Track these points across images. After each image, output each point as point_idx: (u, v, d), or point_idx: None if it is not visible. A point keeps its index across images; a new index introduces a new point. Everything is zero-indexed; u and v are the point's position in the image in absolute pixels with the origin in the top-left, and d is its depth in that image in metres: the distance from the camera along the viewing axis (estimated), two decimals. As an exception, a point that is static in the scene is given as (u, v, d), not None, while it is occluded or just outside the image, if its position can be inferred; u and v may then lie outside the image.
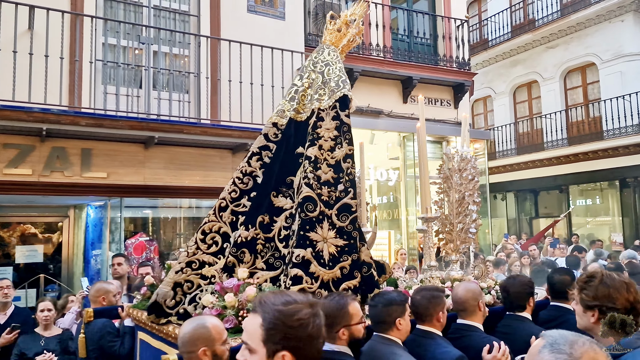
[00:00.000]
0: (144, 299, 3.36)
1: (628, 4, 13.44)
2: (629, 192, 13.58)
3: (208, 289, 2.96)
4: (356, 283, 3.02)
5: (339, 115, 3.28)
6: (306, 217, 2.98)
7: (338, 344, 2.41)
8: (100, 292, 4.04)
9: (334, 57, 3.57)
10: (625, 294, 2.10)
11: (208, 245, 3.12)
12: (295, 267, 2.84)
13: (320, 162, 3.14)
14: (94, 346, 3.64)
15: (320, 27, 9.47)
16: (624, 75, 13.60)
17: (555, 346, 1.28)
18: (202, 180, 7.56)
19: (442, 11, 10.98)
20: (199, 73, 7.60)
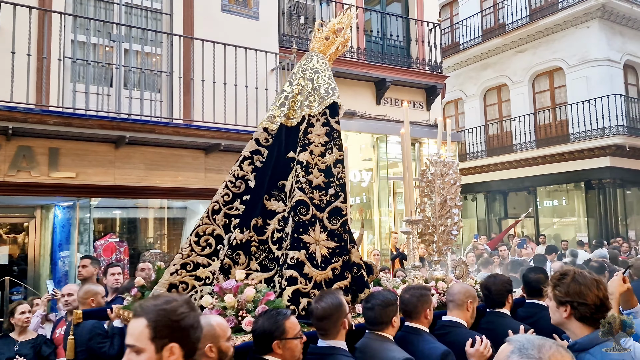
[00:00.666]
0: (135, 300, 3.40)
1: (593, 11, 13.85)
2: (594, 194, 14.00)
3: (203, 289, 3.03)
4: (347, 283, 3.15)
5: (329, 121, 3.41)
6: (299, 220, 3.10)
7: (338, 339, 2.57)
8: (89, 293, 4.07)
9: (322, 64, 3.67)
10: (595, 290, 2.18)
11: (202, 248, 3.19)
12: (290, 269, 2.96)
13: (311, 167, 3.26)
14: (82, 347, 3.65)
15: (294, 28, 9.47)
16: (589, 80, 14.01)
17: (523, 351, 1.31)
18: (174, 181, 7.48)
19: (415, 14, 11.11)
20: (171, 72, 7.51)
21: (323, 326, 2.60)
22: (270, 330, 2.38)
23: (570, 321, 2.22)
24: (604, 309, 2.18)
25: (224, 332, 2.35)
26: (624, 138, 13.15)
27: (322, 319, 2.58)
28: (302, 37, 9.50)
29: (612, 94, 13.32)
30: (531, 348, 1.31)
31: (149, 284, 3.47)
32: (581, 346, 2.16)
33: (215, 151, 7.60)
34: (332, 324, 2.59)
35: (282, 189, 3.36)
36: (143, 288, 3.40)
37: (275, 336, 2.36)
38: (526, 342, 1.34)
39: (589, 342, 2.14)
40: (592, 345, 2.13)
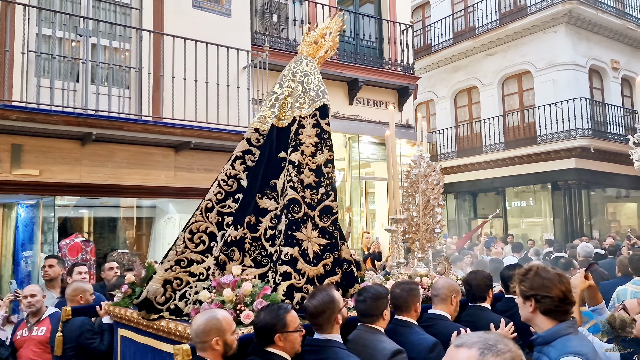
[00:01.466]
0: (125, 296, 3.51)
1: (561, 16, 14.19)
2: (559, 195, 14.35)
3: (197, 285, 3.12)
4: (338, 279, 3.29)
5: (319, 123, 3.57)
6: (292, 217, 3.23)
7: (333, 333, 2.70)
8: (78, 291, 4.12)
9: (312, 67, 3.83)
10: (558, 284, 2.23)
11: (195, 244, 3.26)
12: (284, 264, 3.09)
13: (302, 167, 3.40)
14: (71, 344, 3.69)
15: (267, 26, 9.41)
16: (556, 83, 14.36)
17: (493, 349, 1.27)
18: (143, 179, 7.32)
19: (387, 15, 11.18)
20: (140, 68, 7.36)
21: (317, 322, 2.71)
22: (272, 323, 2.48)
23: (536, 315, 2.26)
24: (568, 302, 2.23)
25: (229, 326, 2.49)
26: (589, 140, 13.52)
27: (316, 316, 2.69)
28: (274, 36, 9.45)
29: (577, 98, 13.67)
30: (496, 343, 1.28)
31: (139, 280, 3.52)
32: (543, 339, 2.20)
33: (186, 149, 7.49)
34: (325, 320, 2.69)
35: (274, 187, 3.47)
36: (133, 285, 3.50)
37: (277, 329, 2.47)
38: (485, 340, 1.29)
39: (551, 335, 2.18)
40: (554, 338, 2.17)
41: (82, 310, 3.87)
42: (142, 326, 3.12)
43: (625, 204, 17.08)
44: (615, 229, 16.11)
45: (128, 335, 3.38)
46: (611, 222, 16.72)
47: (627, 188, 16.15)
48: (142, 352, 3.20)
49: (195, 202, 8.11)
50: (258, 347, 2.52)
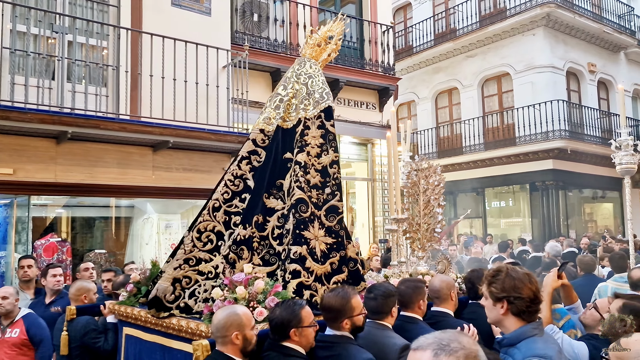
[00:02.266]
0: (130, 295, 3.59)
1: (539, 19, 14.40)
2: (537, 195, 14.55)
3: (205, 283, 3.18)
4: (344, 277, 3.38)
5: (324, 124, 3.64)
6: (300, 217, 3.30)
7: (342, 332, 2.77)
8: (82, 290, 4.17)
9: (315, 70, 3.90)
10: (528, 284, 2.23)
11: (203, 243, 3.31)
12: (293, 263, 3.15)
13: (309, 167, 3.47)
14: (76, 343, 3.74)
15: (247, 25, 9.37)
16: (534, 85, 14.56)
17: (446, 348, 1.27)
18: (120, 179, 7.23)
19: (369, 16, 11.21)
20: (118, 66, 7.27)
21: (328, 317, 2.80)
22: (288, 319, 2.57)
23: (507, 317, 2.25)
24: (537, 302, 2.23)
25: (249, 321, 2.58)
26: (566, 142, 13.73)
27: (329, 311, 2.79)
28: (255, 35, 9.41)
29: (555, 100, 13.88)
30: (450, 342, 1.28)
31: (144, 279, 3.61)
32: (509, 341, 2.20)
33: (164, 148, 7.41)
34: (333, 318, 2.78)
35: (280, 187, 3.53)
36: (138, 284, 3.59)
37: (293, 324, 2.56)
38: (440, 340, 1.29)
39: (516, 337, 2.18)
40: (519, 340, 2.16)
41: (86, 309, 3.93)
42: (150, 324, 3.19)
43: (601, 205, 17.39)
44: (592, 229, 16.40)
45: (134, 333, 3.44)
46: (588, 223, 17.00)
47: (603, 189, 16.46)
48: (149, 350, 3.26)
49: (173, 201, 8.11)
50: (274, 342, 2.62)
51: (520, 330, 2.18)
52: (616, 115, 16.04)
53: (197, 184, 7.83)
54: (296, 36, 9.82)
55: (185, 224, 8.56)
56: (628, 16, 17.21)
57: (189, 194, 7.87)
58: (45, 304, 4.97)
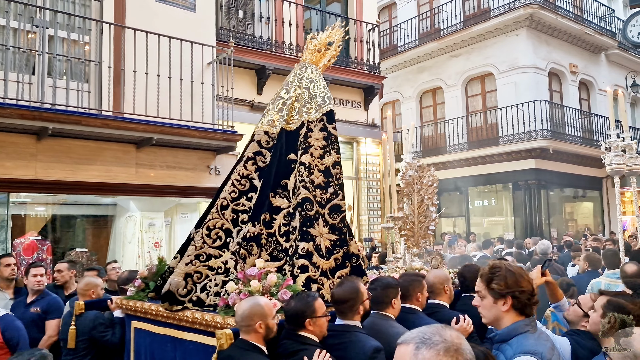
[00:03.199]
0: (139, 290, 3.76)
1: (522, 20, 14.54)
2: (520, 194, 14.70)
3: (216, 278, 3.35)
4: (347, 272, 3.57)
5: (327, 127, 3.84)
6: (306, 215, 3.50)
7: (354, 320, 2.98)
8: (90, 285, 4.28)
9: (316, 75, 4.10)
10: (527, 277, 2.23)
11: (213, 240, 3.47)
12: (301, 258, 3.37)
13: (312, 168, 3.67)
14: (84, 337, 3.88)
15: (232, 22, 9.29)
16: (517, 85, 14.70)
17: (427, 342, 1.29)
18: (102, 176, 7.11)
19: (354, 15, 11.21)
20: (100, 61, 7.14)
21: (341, 309, 2.99)
22: (303, 310, 2.77)
23: (508, 314, 2.19)
24: (535, 295, 2.22)
25: (270, 311, 2.76)
26: (548, 141, 13.89)
27: (341, 303, 2.98)
28: (240, 32, 9.34)
29: (538, 100, 14.03)
30: (432, 335, 1.30)
31: (151, 275, 3.80)
32: (501, 337, 2.18)
33: (147, 146, 7.31)
34: (349, 307, 2.96)
35: (285, 187, 3.71)
36: (146, 279, 3.78)
37: (307, 315, 2.76)
38: (422, 334, 1.32)
39: (508, 333, 2.16)
40: (511, 336, 2.14)
41: (94, 304, 4.08)
42: (161, 317, 3.35)
43: (582, 204, 17.65)
44: (572, 228, 16.64)
45: (143, 327, 3.59)
46: (568, 222, 17.25)
47: (583, 188, 16.70)
48: (160, 343, 3.40)
49: (157, 199, 8.00)
50: (290, 331, 2.80)
51: (513, 326, 2.16)
52: (597, 116, 16.29)
53: (181, 181, 7.75)
54: (281, 34, 9.77)
55: (168, 222, 8.46)
56: (609, 18, 17.48)
57: (172, 192, 7.78)
58: (26, 304, 4.87)
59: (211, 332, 2.98)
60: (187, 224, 8.70)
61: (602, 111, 16.82)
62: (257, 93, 9.60)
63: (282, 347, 2.79)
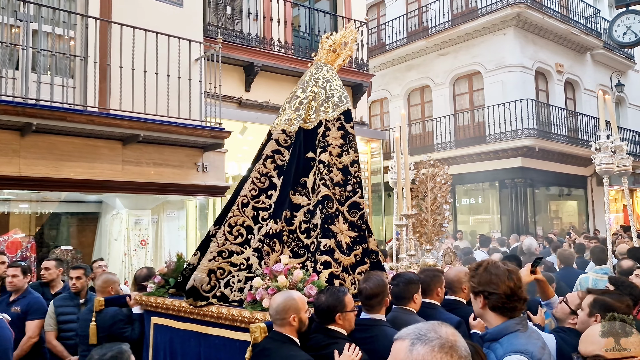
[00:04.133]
0: (159, 286, 3.88)
1: (509, 19, 14.63)
2: (507, 192, 14.82)
3: (239, 274, 3.45)
4: (367, 267, 3.67)
5: (344, 126, 3.92)
6: (327, 212, 3.59)
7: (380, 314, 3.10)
8: (109, 283, 4.45)
9: (332, 74, 4.17)
10: (506, 280, 2.23)
11: (235, 237, 3.57)
12: (323, 254, 3.45)
13: (331, 166, 3.76)
14: (104, 333, 3.94)
15: (220, 18, 9.23)
16: (504, 84, 14.80)
17: (423, 338, 1.31)
18: (87, 173, 7.01)
19: (342, 12, 11.18)
20: (86, 57, 7.04)
21: (370, 303, 3.08)
22: (334, 304, 2.85)
23: (485, 311, 2.27)
24: (516, 299, 2.23)
25: (304, 305, 2.86)
26: (534, 140, 14.01)
27: (371, 298, 3.07)
28: (228, 28, 9.27)
29: (524, 99, 14.14)
30: (427, 332, 1.32)
31: (170, 272, 3.93)
32: (491, 336, 2.20)
33: (134, 142, 7.22)
34: (377, 302, 3.08)
35: (304, 185, 3.78)
36: (166, 276, 3.92)
37: (338, 309, 2.85)
38: (419, 330, 1.34)
39: (498, 332, 2.19)
40: (502, 335, 2.17)
41: (113, 300, 4.18)
42: (184, 313, 3.45)
43: (566, 202, 17.85)
44: (557, 226, 16.82)
45: (163, 322, 3.69)
46: (553, 220, 17.43)
47: (569, 186, 16.88)
48: (182, 338, 3.48)
49: (143, 197, 7.92)
50: (320, 325, 2.90)
51: (503, 325, 2.18)
52: (582, 115, 16.47)
53: (168, 179, 7.67)
54: (270, 30, 9.72)
55: (155, 220, 8.39)
56: (594, 18, 17.67)
57: (159, 189, 7.71)
58: (7, 303, 4.80)
59: (237, 327, 3.10)
60: (174, 222, 8.63)
61: (588, 110, 17.02)
62: (245, 90, 9.55)
63: (312, 341, 2.88)
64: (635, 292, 3.61)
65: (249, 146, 10.77)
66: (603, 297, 2.64)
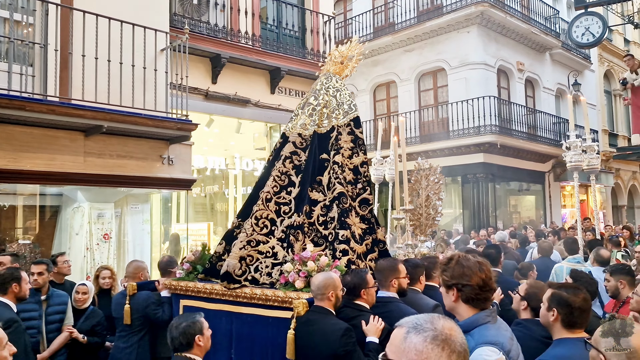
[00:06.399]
0: (188, 272, 4.33)
1: (473, 17, 14.91)
2: (469, 187, 15.15)
3: (266, 261, 3.95)
4: (376, 255, 4.18)
5: (354, 131, 4.44)
6: (343, 207, 4.08)
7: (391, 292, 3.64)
8: (139, 269, 4.96)
9: (341, 84, 4.68)
10: (478, 272, 2.29)
11: (260, 228, 4.05)
12: (341, 243, 3.96)
13: (344, 167, 4.26)
14: (139, 314, 4.46)
15: (187, 8, 9.05)
16: (468, 81, 15.08)
17: (418, 327, 1.35)
18: (48, 165, 6.78)
19: (310, 5, 11.14)
20: (46, 44, 6.78)
21: (378, 277, 3.66)
22: (359, 282, 3.43)
23: (458, 304, 2.31)
24: (487, 289, 2.30)
25: (339, 284, 3.35)
26: (496, 136, 14.36)
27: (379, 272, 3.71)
28: (195, 19, 9.11)
29: (487, 96, 14.46)
30: (424, 323, 1.36)
31: (197, 259, 4.37)
32: (462, 328, 2.23)
33: (97, 133, 7.02)
34: (385, 278, 3.65)
35: (320, 183, 4.23)
36: (194, 263, 4.34)
37: (362, 286, 3.43)
38: (417, 320, 1.38)
39: (470, 324, 2.23)
40: (473, 327, 2.22)
41: (144, 285, 4.65)
42: (215, 295, 3.92)
43: (525, 197, 18.39)
44: (516, 220, 17.31)
45: (193, 304, 4.12)
46: (513, 214, 17.93)
47: (527, 182, 17.40)
48: (213, 317, 3.76)
49: (106, 190, 7.72)
50: (348, 300, 3.43)
51: (474, 317, 2.23)
52: (541, 113, 16.97)
53: (132, 171, 7.50)
54: (237, 22, 9.60)
55: (119, 213, 8.19)
56: (554, 18, 18.19)
57: (123, 182, 7.52)
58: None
59: (270, 305, 3.63)
60: (138, 215, 8.45)
61: (546, 108, 17.55)
62: (211, 82, 9.41)
63: (342, 314, 3.36)
64: (592, 287, 3.77)
65: (216, 139, 10.64)
66: (560, 292, 2.70)
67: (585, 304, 2.59)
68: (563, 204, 19.19)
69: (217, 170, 10.98)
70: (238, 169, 11.03)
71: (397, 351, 1.34)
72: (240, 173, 11.69)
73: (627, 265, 4.71)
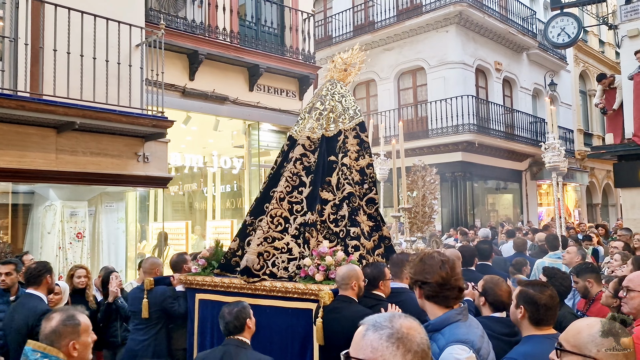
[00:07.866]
0: (204, 268, 4.60)
1: (452, 17, 15.01)
2: (447, 186, 15.26)
3: (281, 256, 4.23)
4: (382, 251, 4.51)
5: (360, 135, 4.71)
6: (352, 206, 4.37)
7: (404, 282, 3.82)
8: (154, 265, 5.09)
9: (345, 90, 4.94)
10: (439, 270, 2.28)
11: (275, 226, 4.31)
12: (353, 240, 4.25)
13: (351, 168, 4.54)
14: (156, 307, 4.64)
15: (162, 3, 8.91)
16: (446, 80, 15.19)
17: (376, 325, 1.37)
18: (18, 162, 6.60)
19: (290, 2, 11.08)
20: (16, 38, 6.59)
21: (393, 269, 3.91)
22: (378, 274, 3.73)
23: (423, 302, 2.32)
24: (448, 287, 2.28)
25: (361, 275, 3.63)
26: (474, 135, 14.50)
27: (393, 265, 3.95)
28: (171, 14, 8.97)
29: (465, 95, 14.58)
30: (383, 321, 1.37)
31: (211, 256, 4.66)
32: (433, 327, 2.24)
33: (69, 130, 6.85)
34: (399, 270, 3.86)
35: (329, 183, 4.50)
36: (208, 259, 4.63)
37: (381, 278, 3.72)
38: (377, 318, 1.40)
39: (440, 323, 2.23)
40: (444, 325, 2.22)
41: (160, 280, 4.87)
42: (233, 288, 4.20)
43: (502, 195, 18.61)
44: (493, 218, 17.51)
45: (209, 298, 4.40)
46: (490, 212, 18.13)
47: (505, 180, 17.60)
48: None
49: (79, 188, 7.56)
50: (367, 291, 3.66)
51: (445, 316, 2.22)
52: (518, 112, 17.18)
53: (105, 169, 7.35)
54: (215, 18, 9.48)
55: (92, 212, 8.03)
56: (531, 19, 18.43)
57: (96, 180, 7.36)
58: None
59: (290, 297, 3.90)
60: (112, 214, 8.30)
61: (523, 108, 17.77)
62: (189, 79, 9.28)
63: (362, 303, 3.57)
64: (566, 283, 3.80)
65: (193, 136, 10.51)
66: (527, 289, 2.70)
67: (551, 301, 2.59)
68: (539, 202, 19.47)
69: (195, 168, 10.85)
70: (216, 167, 10.90)
71: (356, 347, 1.36)
72: (219, 171, 11.57)
73: (589, 264, 4.78)
